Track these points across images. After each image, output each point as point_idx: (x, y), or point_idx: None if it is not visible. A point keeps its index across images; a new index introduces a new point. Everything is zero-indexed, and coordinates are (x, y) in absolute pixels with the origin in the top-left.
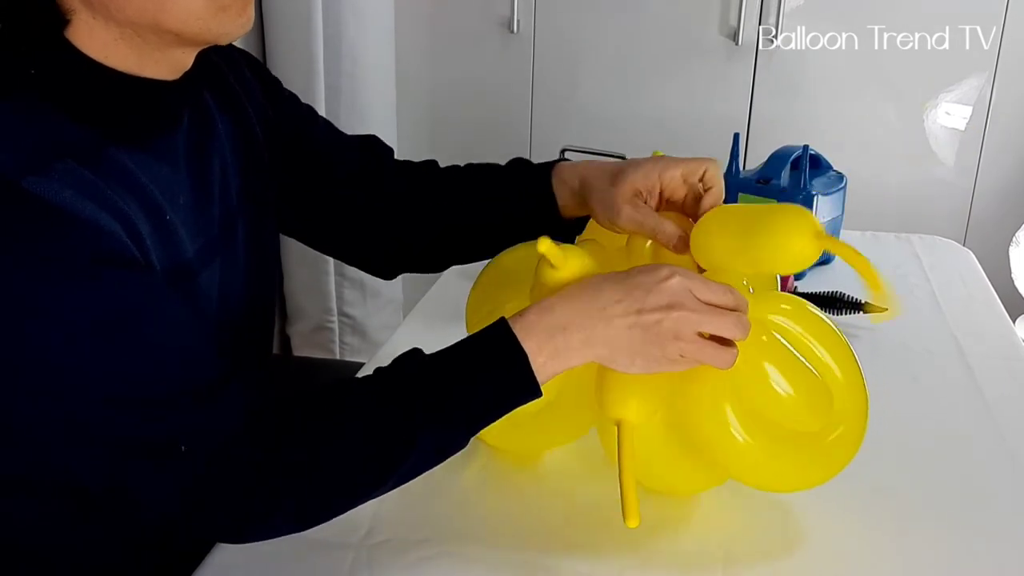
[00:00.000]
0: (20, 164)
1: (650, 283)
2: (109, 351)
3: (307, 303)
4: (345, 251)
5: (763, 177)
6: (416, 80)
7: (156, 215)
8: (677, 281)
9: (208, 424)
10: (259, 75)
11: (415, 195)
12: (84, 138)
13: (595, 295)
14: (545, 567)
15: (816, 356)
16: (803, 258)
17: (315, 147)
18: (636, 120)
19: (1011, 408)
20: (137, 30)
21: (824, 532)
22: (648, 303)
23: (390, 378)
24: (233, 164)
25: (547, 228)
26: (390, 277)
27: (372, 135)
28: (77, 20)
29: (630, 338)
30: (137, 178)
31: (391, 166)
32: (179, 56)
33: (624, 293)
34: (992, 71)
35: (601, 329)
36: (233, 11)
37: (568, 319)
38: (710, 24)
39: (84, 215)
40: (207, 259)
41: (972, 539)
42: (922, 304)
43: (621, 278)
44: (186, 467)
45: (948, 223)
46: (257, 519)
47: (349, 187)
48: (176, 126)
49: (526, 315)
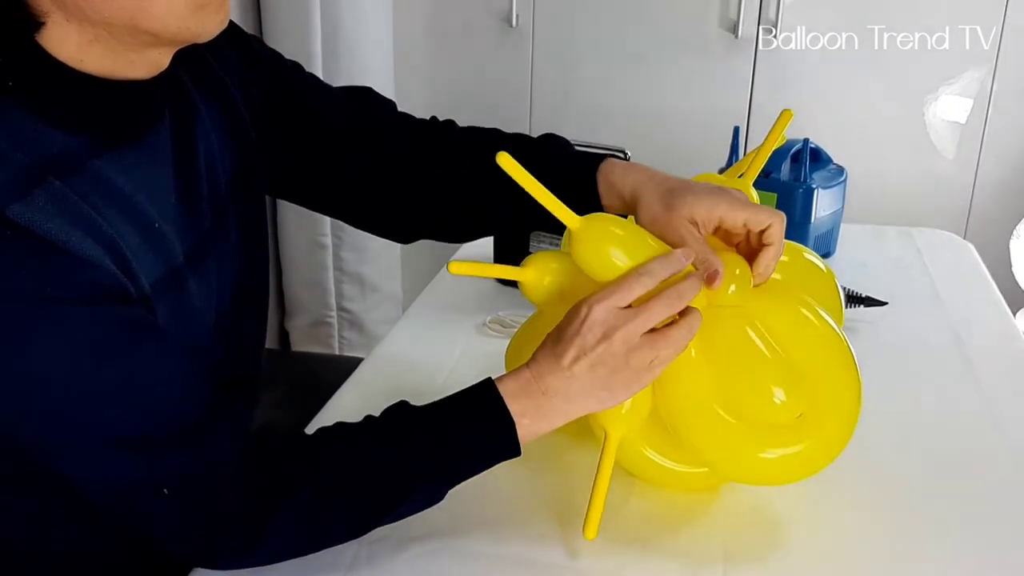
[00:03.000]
0: (4, 189)
1: (576, 327)
2: (93, 391)
3: (306, 298)
4: (352, 214)
5: (763, 171)
6: (415, 75)
7: (145, 226)
8: (595, 311)
9: (194, 468)
10: (237, 45)
11: (426, 157)
12: (67, 149)
13: (555, 362)
14: (545, 563)
15: (797, 340)
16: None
17: (303, 102)
18: (635, 114)
19: (1011, 401)
20: (112, 31)
21: (824, 526)
22: (588, 343)
23: (384, 428)
24: (221, 151)
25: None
26: (405, 242)
27: (366, 87)
28: (50, 23)
29: (595, 377)
30: (123, 189)
31: (392, 118)
32: (155, 56)
33: (567, 346)
34: (992, 67)
35: (574, 384)
36: (211, 8)
37: (546, 384)
38: (709, 17)
39: (71, 248)
40: (200, 257)
41: (972, 530)
42: (922, 297)
43: (555, 341)
44: (173, 508)
45: (949, 216)
46: (244, 556)
47: (344, 140)
48: (159, 123)
49: (507, 382)
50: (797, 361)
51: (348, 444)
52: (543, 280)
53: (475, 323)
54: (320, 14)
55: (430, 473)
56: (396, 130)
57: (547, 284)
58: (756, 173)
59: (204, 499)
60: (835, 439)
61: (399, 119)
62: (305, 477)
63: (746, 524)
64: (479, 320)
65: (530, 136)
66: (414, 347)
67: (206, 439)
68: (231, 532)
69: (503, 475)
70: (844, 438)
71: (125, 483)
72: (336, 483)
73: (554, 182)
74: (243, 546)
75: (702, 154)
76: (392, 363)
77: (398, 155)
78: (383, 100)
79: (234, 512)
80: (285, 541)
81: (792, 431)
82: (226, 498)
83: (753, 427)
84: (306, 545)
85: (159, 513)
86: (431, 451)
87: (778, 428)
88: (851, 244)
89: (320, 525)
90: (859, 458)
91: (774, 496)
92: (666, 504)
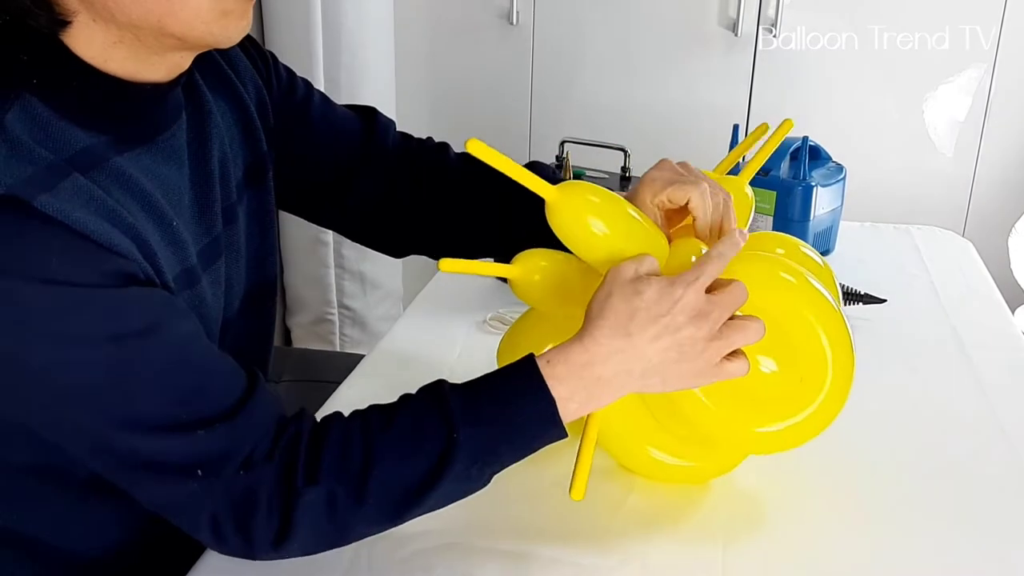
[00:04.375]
0: (30, 181)
1: (671, 306)
2: (125, 374)
3: (307, 295)
4: (347, 229)
5: (763, 168)
6: (415, 73)
7: (163, 223)
8: (692, 290)
9: (230, 450)
10: (252, 54)
11: (420, 181)
12: (89, 147)
13: (625, 341)
14: (545, 557)
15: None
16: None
17: (312, 125)
18: (635, 111)
19: (1010, 398)
20: (138, 33)
21: (821, 522)
22: (677, 323)
23: (423, 398)
24: (232, 149)
25: None
26: (399, 256)
27: (371, 108)
28: (77, 23)
29: (664, 360)
30: (143, 186)
31: (392, 143)
32: (176, 59)
33: (649, 325)
34: (991, 67)
35: (638, 365)
36: (235, 15)
37: (601, 370)
38: (709, 15)
39: (98, 237)
40: (212, 258)
41: (970, 528)
42: (921, 295)
43: (644, 309)
44: (210, 489)
45: (947, 214)
46: (277, 545)
47: (346, 163)
48: (176, 125)
49: (556, 367)
50: (781, 323)
51: (382, 425)
52: (533, 277)
53: (475, 320)
54: (321, 12)
55: (466, 456)
56: (396, 153)
57: (538, 281)
58: (751, 175)
59: (236, 483)
60: (832, 399)
61: (399, 141)
62: (335, 462)
63: (746, 511)
64: (479, 317)
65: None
66: (415, 344)
67: (238, 422)
68: (263, 518)
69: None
70: (841, 396)
71: (157, 467)
72: (366, 467)
73: (542, 205)
74: (275, 533)
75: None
76: (393, 360)
77: (396, 177)
78: (386, 122)
79: (266, 498)
80: (315, 529)
81: (789, 400)
82: (258, 483)
83: (749, 401)
84: (337, 532)
85: (192, 498)
86: (469, 432)
87: (773, 400)
88: (850, 242)
89: (351, 512)
90: (858, 453)
91: (772, 492)
92: (665, 501)
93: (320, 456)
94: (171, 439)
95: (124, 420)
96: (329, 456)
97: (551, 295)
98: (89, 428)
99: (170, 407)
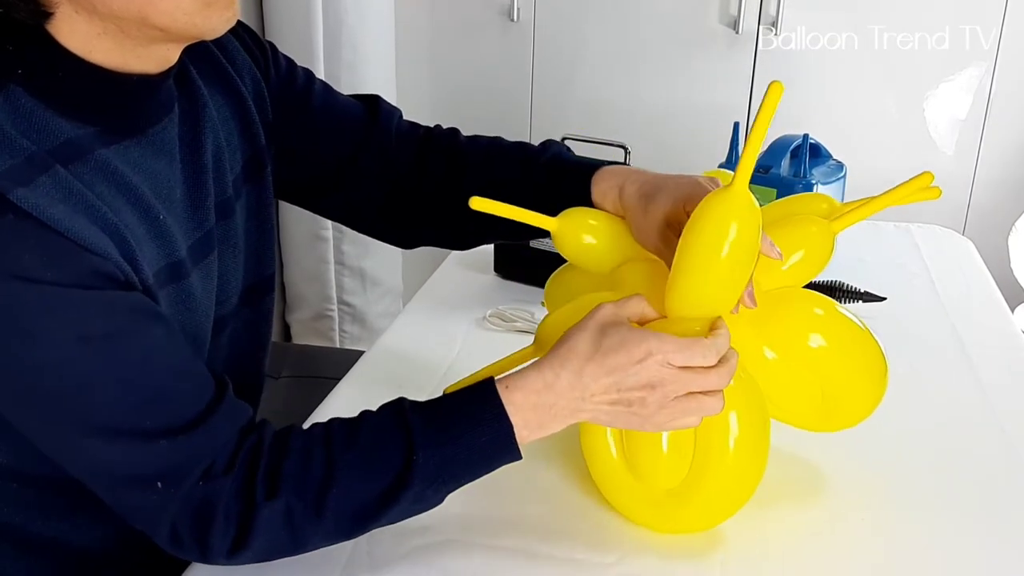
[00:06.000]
0: (8, 174)
1: (627, 364)
2: (90, 377)
3: (307, 291)
4: (353, 220)
5: (763, 166)
6: (416, 70)
7: (149, 216)
8: (654, 360)
9: (188, 461)
10: (249, 46)
11: (430, 166)
12: (73, 138)
13: (577, 383)
14: (544, 555)
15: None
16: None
17: (313, 113)
18: (636, 108)
19: (1009, 397)
20: (121, 25)
21: (821, 521)
22: (627, 384)
23: (379, 427)
24: (229, 143)
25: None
26: (407, 247)
27: (375, 95)
28: (59, 14)
29: (613, 411)
30: (129, 179)
31: (399, 128)
32: (163, 51)
33: (604, 377)
34: (992, 67)
35: (586, 408)
36: (218, 6)
37: (554, 400)
38: (710, 13)
39: (74, 235)
40: (204, 252)
41: (970, 526)
42: (921, 293)
43: (600, 357)
44: (166, 501)
45: (947, 213)
46: (232, 553)
47: (350, 152)
48: (167, 117)
49: (514, 393)
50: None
51: (343, 441)
52: (579, 237)
53: (475, 317)
54: (322, 9)
55: (424, 477)
56: (402, 141)
57: (584, 243)
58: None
59: (196, 493)
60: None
61: (405, 128)
62: (295, 475)
63: (746, 510)
64: (480, 314)
65: (530, 145)
66: (415, 341)
67: (200, 433)
68: (220, 528)
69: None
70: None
71: (118, 473)
72: (326, 482)
73: (550, 202)
74: (231, 543)
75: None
76: (393, 357)
77: (403, 166)
78: (390, 109)
79: (224, 509)
80: (271, 540)
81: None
82: (217, 494)
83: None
84: (293, 544)
85: (152, 505)
86: (428, 454)
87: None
88: (849, 240)
89: (308, 525)
90: (857, 451)
91: (774, 482)
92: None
93: (280, 469)
94: (133, 447)
95: (86, 424)
96: (289, 469)
97: (601, 254)
98: (52, 429)
99: (134, 414)
